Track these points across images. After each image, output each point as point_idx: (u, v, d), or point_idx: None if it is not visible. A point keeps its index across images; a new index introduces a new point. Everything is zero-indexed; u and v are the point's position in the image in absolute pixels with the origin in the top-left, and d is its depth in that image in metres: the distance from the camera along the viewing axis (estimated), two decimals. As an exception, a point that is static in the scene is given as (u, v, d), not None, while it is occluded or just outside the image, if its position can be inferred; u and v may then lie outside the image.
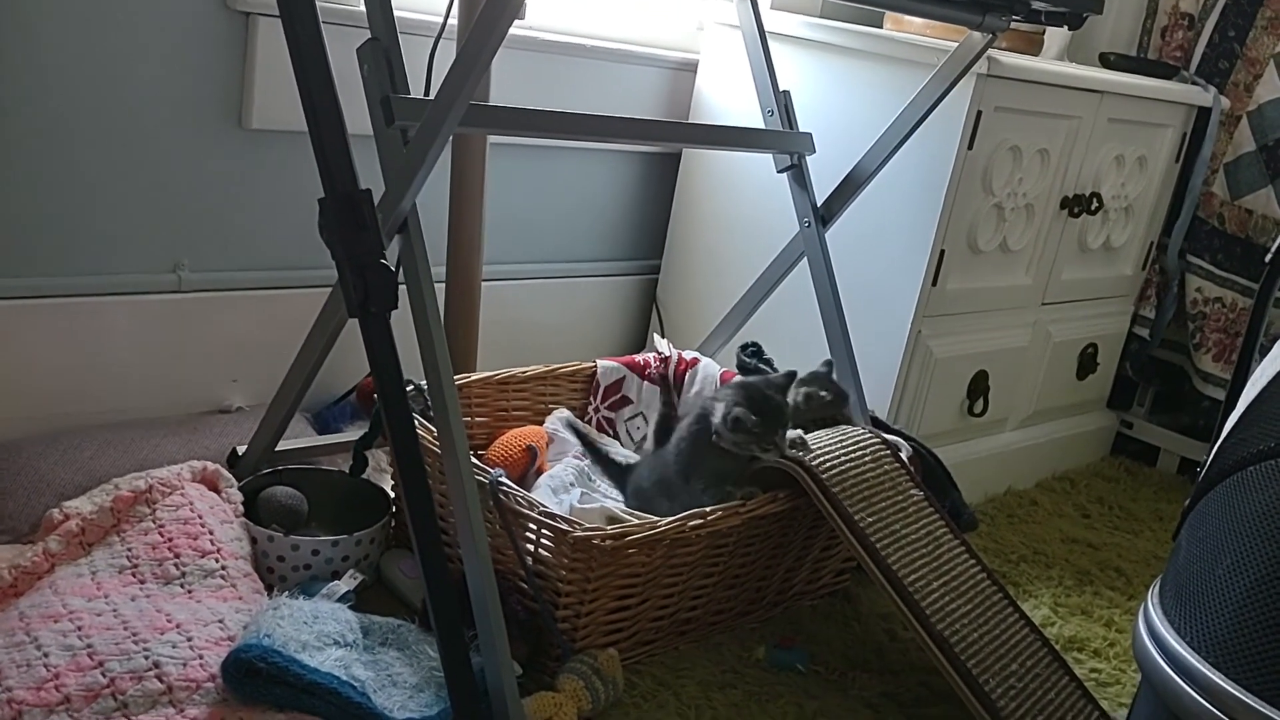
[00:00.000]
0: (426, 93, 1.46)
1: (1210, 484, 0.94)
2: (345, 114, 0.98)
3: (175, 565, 1.19)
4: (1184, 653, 0.87)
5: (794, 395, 1.52)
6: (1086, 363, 2.15)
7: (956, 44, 1.58)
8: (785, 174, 1.71)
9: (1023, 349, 1.99)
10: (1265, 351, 1.06)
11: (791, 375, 1.49)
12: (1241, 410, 0.99)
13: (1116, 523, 2.02)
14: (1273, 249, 1.21)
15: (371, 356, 0.97)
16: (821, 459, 1.38)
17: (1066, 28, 1.61)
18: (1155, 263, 2.23)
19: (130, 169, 1.53)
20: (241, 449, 1.49)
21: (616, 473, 1.56)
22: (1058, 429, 2.17)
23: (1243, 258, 2.13)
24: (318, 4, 0.96)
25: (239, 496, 1.34)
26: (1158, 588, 0.97)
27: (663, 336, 1.94)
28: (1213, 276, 2.17)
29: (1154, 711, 0.92)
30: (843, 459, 1.40)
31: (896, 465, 1.47)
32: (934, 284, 1.75)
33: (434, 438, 1.30)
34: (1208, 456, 1.02)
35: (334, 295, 1.33)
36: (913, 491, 1.46)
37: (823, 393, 1.57)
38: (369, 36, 1.20)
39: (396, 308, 0.97)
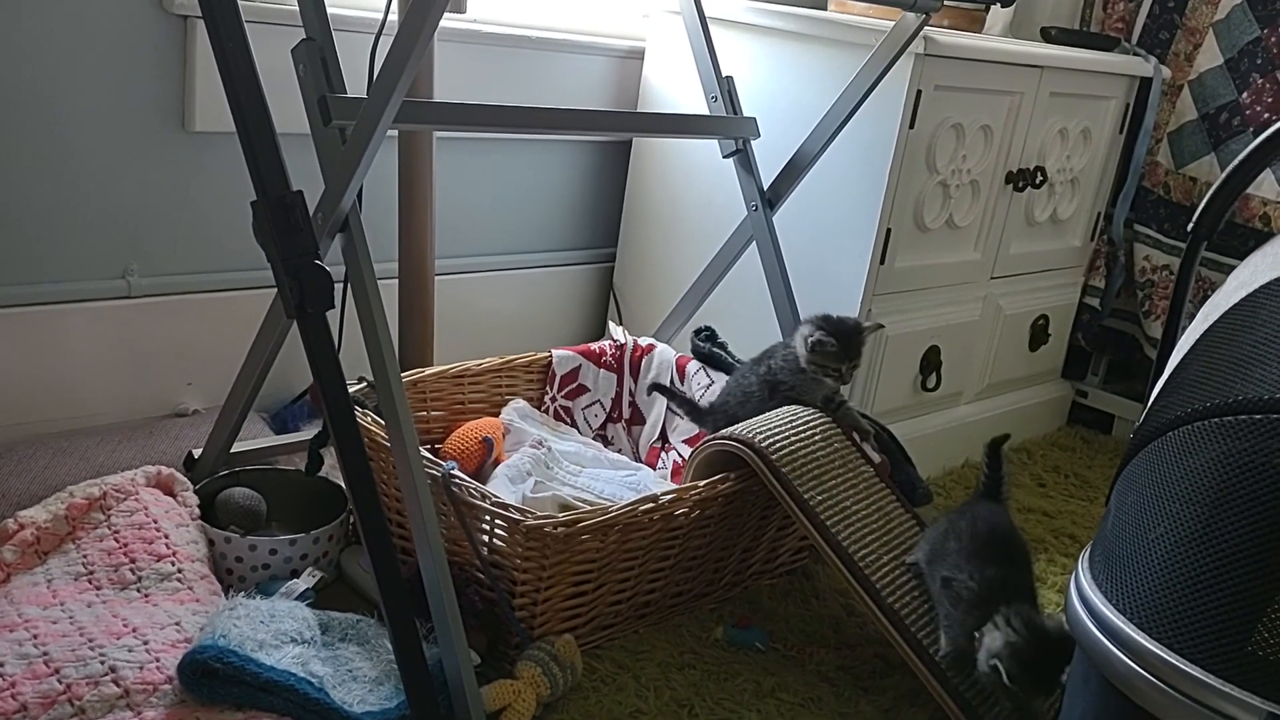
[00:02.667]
0: (369, 91, 1.47)
1: (1135, 450, 0.97)
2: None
3: (131, 570, 1.20)
4: (1112, 616, 0.90)
5: (802, 342, 1.52)
6: (1038, 334, 2.18)
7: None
8: (731, 159, 1.73)
9: (974, 323, 2.02)
10: (1192, 318, 1.09)
11: (857, 323, 1.54)
12: (1167, 376, 1.01)
13: (1072, 491, 2.05)
14: (1194, 218, 1.24)
15: (311, 356, 0.98)
16: (771, 439, 1.40)
17: (1000, 4, 1.63)
18: (1103, 233, 2.26)
19: (74, 175, 1.53)
20: (198, 452, 1.49)
21: (696, 413, 1.63)
22: (1013, 401, 2.20)
23: (1187, 225, 2.17)
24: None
25: (194, 500, 1.35)
26: (1088, 553, 1.00)
27: (620, 324, 1.96)
28: (1160, 245, 2.20)
29: (1087, 675, 0.94)
30: (792, 438, 1.43)
31: (846, 443, 1.50)
32: (882, 262, 1.77)
33: (385, 433, 1.31)
34: (1136, 422, 1.05)
35: (277, 298, 1.34)
36: (863, 469, 1.48)
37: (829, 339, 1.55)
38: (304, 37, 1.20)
39: (333, 307, 0.98)
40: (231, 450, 1.50)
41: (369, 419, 1.38)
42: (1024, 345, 2.18)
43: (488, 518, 1.27)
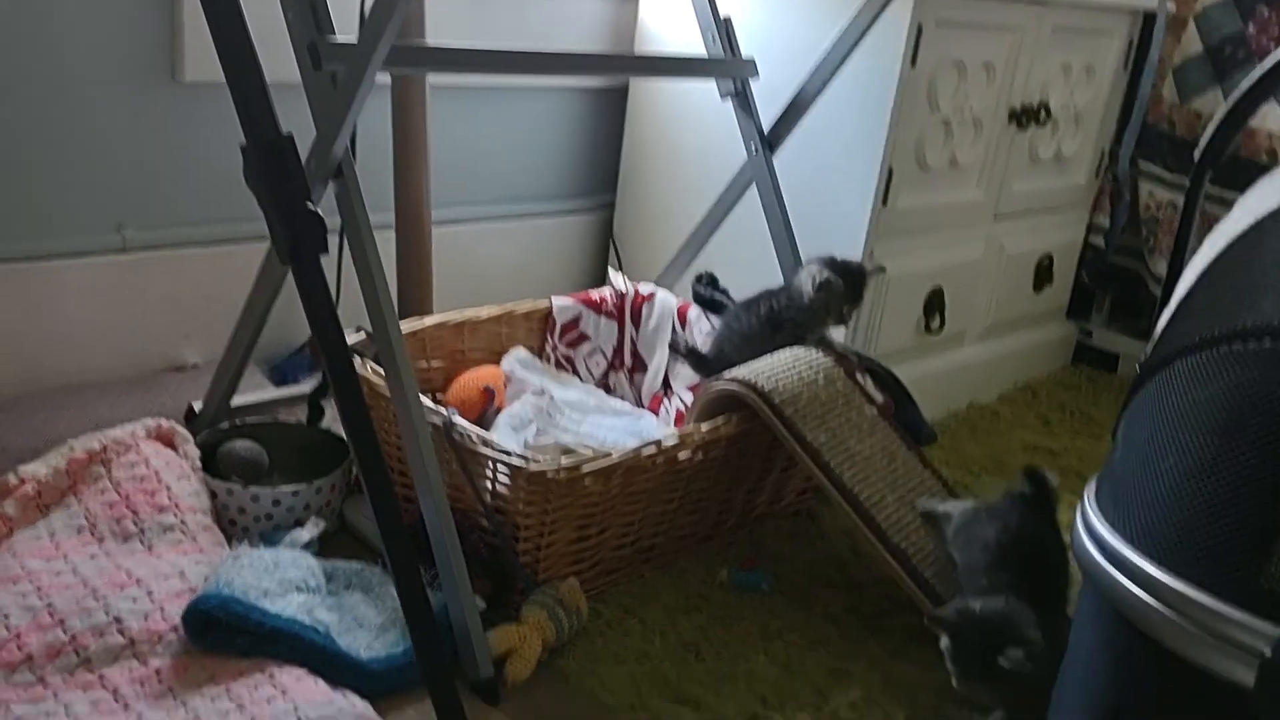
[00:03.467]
0: (360, 35, 1.44)
1: (1142, 381, 0.96)
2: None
3: (133, 522, 1.20)
4: (1120, 548, 0.89)
5: (809, 281, 1.52)
6: (1043, 274, 2.17)
7: (894, -42, 1.57)
8: (730, 101, 1.70)
9: (977, 263, 2.00)
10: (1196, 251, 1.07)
11: (861, 265, 1.54)
12: (1173, 307, 1.00)
13: (1078, 428, 2.05)
14: (1200, 145, 1.22)
15: (306, 302, 0.97)
16: (773, 381, 1.39)
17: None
18: (1108, 170, 2.23)
19: (64, 129, 1.51)
20: (198, 405, 1.49)
21: (701, 363, 1.61)
22: (1017, 341, 2.19)
23: (1192, 160, 2.14)
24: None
25: (195, 452, 1.34)
26: (1094, 486, 0.99)
27: (620, 271, 1.94)
28: (1164, 181, 2.17)
29: (1095, 607, 0.94)
30: (794, 380, 1.42)
31: (850, 384, 1.49)
32: (884, 203, 1.75)
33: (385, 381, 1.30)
34: (1144, 355, 1.04)
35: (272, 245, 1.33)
36: (867, 409, 1.47)
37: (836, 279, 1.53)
38: (290, -20, 1.18)
39: (326, 252, 0.96)
40: (231, 403, 1.49)
41: (369, 369, 1.37)
42: (1028, 285, 2.16)
43: (490, 464, 1.26)
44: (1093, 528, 0.94)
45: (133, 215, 1.60)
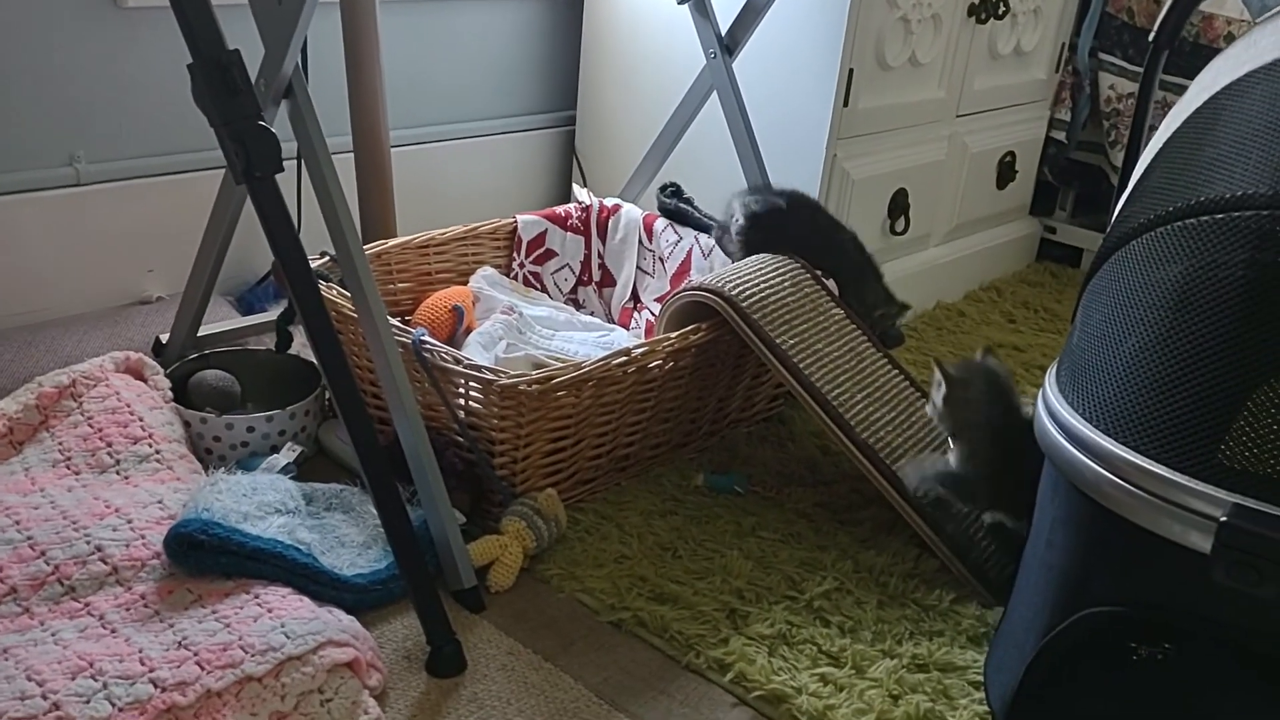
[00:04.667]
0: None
1: (1100, 262, 0.97)
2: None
3: (108, 454, 1.20)
4: (1080, 426, 0.91)
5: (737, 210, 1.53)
6: (1005, 172, 2.17)
7: None
8: (686, 5, 1.68)
9: (940, 163, 2.00)
10: (1154, 131, 1.08)
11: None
12: (1131, 186, 1.01)
13: (1042, 324, 2.07)
14: (1155, 27, 1.22)
15: (265, 222, 0.96)
16: (740, 287, 1.40)
17: None
18: (1068, 64, 2.23)
19: (5, 61, 1.47)
20: (165, 337, 1.48)
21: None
22: (982, 240, 2.20)
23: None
24: None
25: (166, 383, 1.34)
26: (1054, 369, 1.01)
27: (584, 186, 1.93)
28: (1125, 72, 2.17)
29: (1055, 484, 0.97)
30: (761, 285, 1.42)
31: (816, 287, 1.50)
32: (845, 104, 1.75)
33: (352, 304, 1.30)
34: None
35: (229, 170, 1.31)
36: (834, 312, 1.49)
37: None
38: (227, -108, 1.14)
39: (281, 170, 0.95)
40: (199, 334, 1.49)
41: (335, 292, 1.37)
42: (991, 183, 2.16)
43: (461, 380, 1.27)
44: (1053, 408, 0.96)
45: (85, 147, 1.57)
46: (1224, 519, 0.79)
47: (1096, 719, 1.00)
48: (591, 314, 1.77)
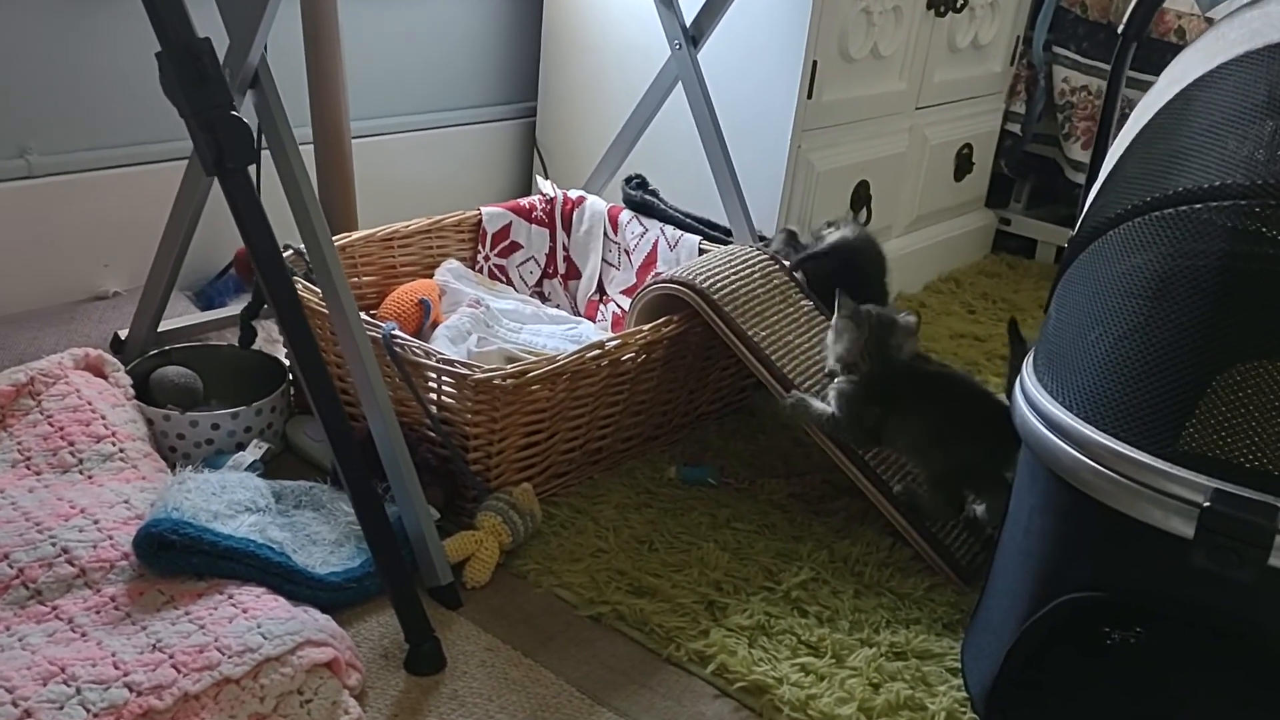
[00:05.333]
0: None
1: (1074, 254, 0.99)
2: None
3: (70, 453, 1.17)
4: (1058, 412, 0.92)
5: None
6: (963, 164, 2.20)
7: None
8: (651, -4, 1.67)
9: (901, 155, 2.01)
10: (1123, 123, 1.09)
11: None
12: (1102, 178, 1.02)
13: (1001, 315, 2.10)
14: (1125, 19, 1.24)
15: (237, 215, 0.94)
16: (711, 279, 1.40)
17: None
18: (1023, 57, 2.25)
19: (-48, 50, 1.43)
20: (124, 333, 1.45)
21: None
22: (940, 232, 2.23)
23: (1106, 44, 2.17)
24: None
25: (127, 380, 1.31)
26: (1031, 358, 1.02)
27: (547, 178, 1.92)
28: (1078, 65, 2.21)
29: (1033, 471, 0.98)
30: (732, 277, 1.42)
31: (785, 279, 1.50)
32: (810, 96, 1.75)
33: (320, 299, 1.28)
34: (1074, 231, 1.06)
35: (193, 160, 1.28)
36: (804, 303, 1.49)
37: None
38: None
39: (255, 160, 0.93)
40: (159, 329, 1.46)
41: (301, 286, 1.35)
42: (950, 175, 2.19)
43: (434, 375, 1.25)
44: (1031, 396, 0.97)
45: (35, 139, 1.53)
46: (1206, 504, 0.80)
47: (1073, 703, 1.02)
48: (557, 307, 1.76)
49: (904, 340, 1.29)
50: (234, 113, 0.91)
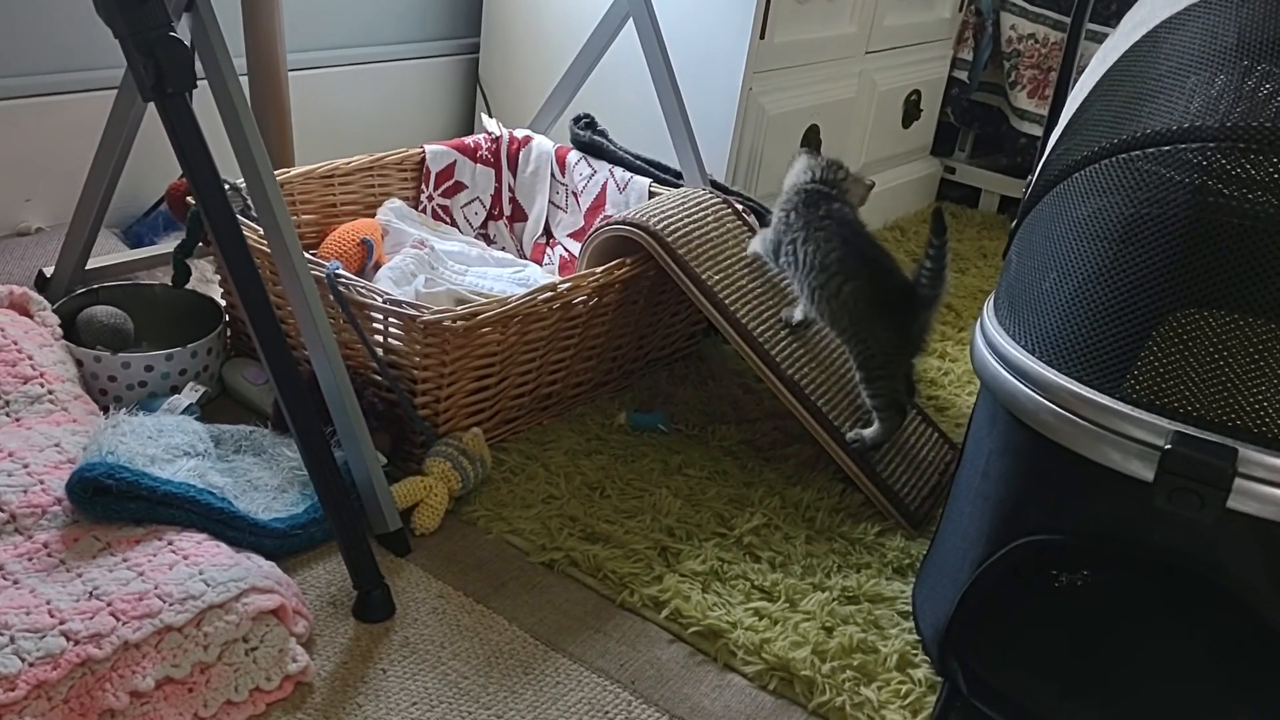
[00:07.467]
0: None
1: (1036, 198, 0.98)
2: None
3: (-5, 395, 1.11)
4: (1018, 354, 0.92)
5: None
6: (911, 110, 2.19)
7: None
8: (601, -71, 1.62)
9: (851, 100, 2.00)
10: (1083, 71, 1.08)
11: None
12: (1065, 122, 1.02)
13: (945, 264, 2.10)
14: (1089, -40, 1.23)
15: (176, 142, 0.89)
16: (664, 221, 1.37)
17: None
18: (971, 3, 2.24)
19: None
20: (49, 271, 1.38)
21: None
22: (887, 179, 2.22)
23: (1054, -8, 2.17)
24: None
25: (55, 319, 1.25)
26: (991, 302, 1.02)
27: (492, 117, 1.87)
28: (1026, 13, 2.20)
29: (992, 415, 0.98)
30: (685, 220, 1.40)
31: (739, 223, 1.48)
32: (762, 37, 1.72)
33: (260, 236, 1.23)
34: (1031, 177, 1.06)
35: (124, 86, 1.21)
36: (756, 246, 1.47)
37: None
38: None
39: (195, 86, 0.88)
40: (86, 267, 1.39)
41: (241, 223, 1.29)
42: (898, 122, 2.18)
43: (380, 316, 1.21)
44: (992, 339, 0.97)
45: (-52, 65, 1.44)
46: (1167, 447, 0.81)
47: (1024, 644, 1.03)
48: (503, 249, 1.72)
49: (853, 186, 1.31)
50: (174, 34, 0.86)
